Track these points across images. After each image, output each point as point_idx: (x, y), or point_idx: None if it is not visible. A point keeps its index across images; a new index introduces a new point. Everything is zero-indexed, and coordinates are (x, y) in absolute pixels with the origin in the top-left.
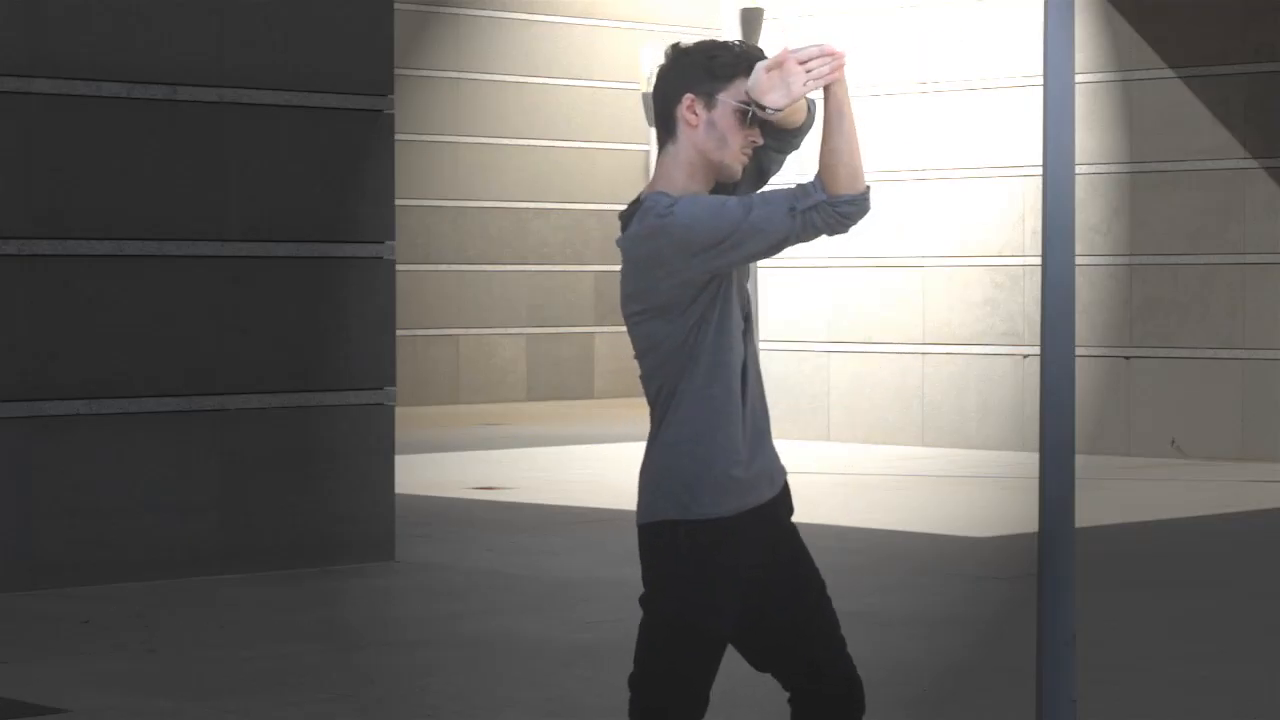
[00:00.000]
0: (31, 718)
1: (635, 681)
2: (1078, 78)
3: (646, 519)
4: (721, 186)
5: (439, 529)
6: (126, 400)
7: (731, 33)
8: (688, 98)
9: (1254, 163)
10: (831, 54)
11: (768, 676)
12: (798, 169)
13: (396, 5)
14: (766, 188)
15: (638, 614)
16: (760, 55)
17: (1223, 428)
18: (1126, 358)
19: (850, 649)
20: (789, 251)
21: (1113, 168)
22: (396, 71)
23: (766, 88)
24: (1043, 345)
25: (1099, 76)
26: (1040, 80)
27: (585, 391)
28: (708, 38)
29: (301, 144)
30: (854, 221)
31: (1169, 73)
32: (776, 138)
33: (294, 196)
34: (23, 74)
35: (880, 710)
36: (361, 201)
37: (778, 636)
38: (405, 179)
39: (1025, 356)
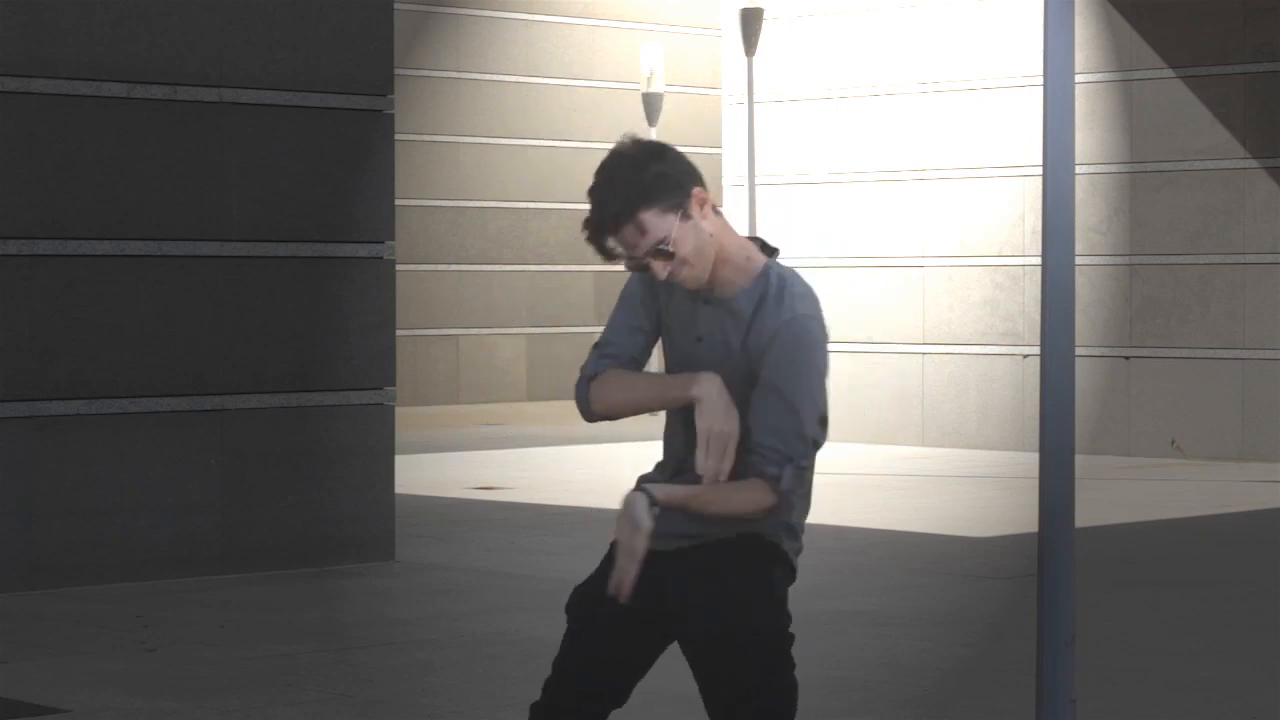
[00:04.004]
0: (31, 718)
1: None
2: (1078, 78)
3: None
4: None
5: (439, 529)
6: (126, 400)
7: (731, 33)
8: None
9: (1254, 163)
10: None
11: None
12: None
13: (396, 5)
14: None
15: None
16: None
17: (1223, 428)
18: (1126, 357)
19: (850, 649)
20: (788, 251)
21: (1113, 168)
22: (396, 71)
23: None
24: (1043, 345)
25: (1099, 76)
26: (1040, 80)
27: None
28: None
29: (301, 144)
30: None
31: (1169, 73)
32: None
33: (294, 196)
34: (23, 74)
35: (880, 710)
36: (361, 201)
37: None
38: (405, 179)
39: (1025, 356)
